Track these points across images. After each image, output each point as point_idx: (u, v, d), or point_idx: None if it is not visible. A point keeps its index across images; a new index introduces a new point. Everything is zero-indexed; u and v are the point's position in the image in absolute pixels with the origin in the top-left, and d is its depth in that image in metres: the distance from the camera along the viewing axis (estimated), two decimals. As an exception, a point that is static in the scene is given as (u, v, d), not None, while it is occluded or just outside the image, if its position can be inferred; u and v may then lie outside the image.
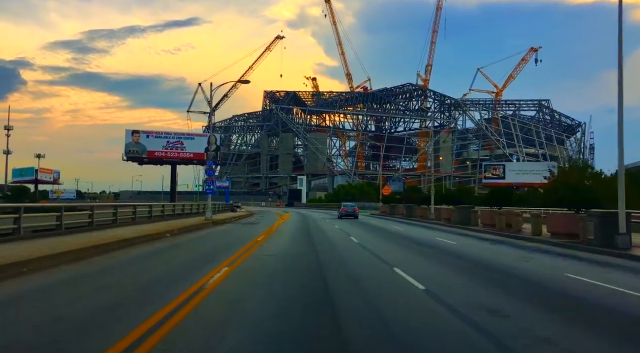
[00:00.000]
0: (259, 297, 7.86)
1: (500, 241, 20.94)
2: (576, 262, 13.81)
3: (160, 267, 11.36)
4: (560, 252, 16.14)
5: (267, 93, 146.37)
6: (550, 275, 11.07)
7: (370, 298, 7.90)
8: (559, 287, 9.54)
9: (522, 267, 12.26)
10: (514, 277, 10.71)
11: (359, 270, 11.44)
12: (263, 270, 10.83)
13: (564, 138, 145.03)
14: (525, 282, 10.14)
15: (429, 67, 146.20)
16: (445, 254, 15.55)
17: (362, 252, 15.64)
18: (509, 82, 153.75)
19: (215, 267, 10.71)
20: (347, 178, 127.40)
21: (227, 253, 13.70)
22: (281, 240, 19.05)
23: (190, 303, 6.91)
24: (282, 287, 8.81)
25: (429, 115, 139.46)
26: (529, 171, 74.02)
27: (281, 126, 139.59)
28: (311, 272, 10.71)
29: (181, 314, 6.25)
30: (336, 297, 7.83)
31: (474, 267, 12.27)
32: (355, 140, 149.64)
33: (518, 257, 14.73)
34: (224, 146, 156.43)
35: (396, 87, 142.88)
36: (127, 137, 59.88)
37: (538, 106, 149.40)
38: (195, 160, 61.40)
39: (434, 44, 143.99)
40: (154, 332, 5.38)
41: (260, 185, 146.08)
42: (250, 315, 6.56)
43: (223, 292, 8.12)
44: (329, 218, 42.32)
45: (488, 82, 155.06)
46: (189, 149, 61.17)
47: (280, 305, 7.13)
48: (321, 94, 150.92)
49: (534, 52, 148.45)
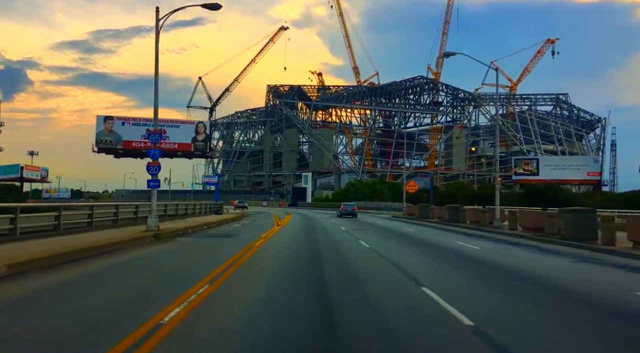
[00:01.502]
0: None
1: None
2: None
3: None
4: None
5: (271, 87, 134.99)
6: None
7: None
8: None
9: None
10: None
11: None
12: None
13: (583, 134, 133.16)
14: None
15: (440, 60, 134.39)
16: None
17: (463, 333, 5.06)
18: (524, 76, 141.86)
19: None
20: (355, 176, 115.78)
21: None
22: (256, 294, 7.76)
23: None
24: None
25: (441, 110, 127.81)
26: (567, 166, 62.36)
27: (285, 122, 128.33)
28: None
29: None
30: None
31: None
32: (362, 138, 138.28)
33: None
34: (226, 143, 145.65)
35: (406, 81, 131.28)
36: (98, 125, 48.78)
37: (555, 101, 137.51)
38: (179, 151, 50.16)
39: (445, 34, 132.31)
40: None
41: (264, 183, 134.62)
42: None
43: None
44: (344, 223, 30.93)
45: (502, 76, 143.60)
46: (174, 139, 49.95)
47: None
48: (327, 89, 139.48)
49: (550, 44, 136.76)
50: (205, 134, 51.05)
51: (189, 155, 51.08)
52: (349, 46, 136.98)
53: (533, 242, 18.58)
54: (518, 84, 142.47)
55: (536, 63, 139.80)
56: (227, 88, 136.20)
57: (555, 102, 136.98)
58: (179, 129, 50.71)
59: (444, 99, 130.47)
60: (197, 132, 50.76)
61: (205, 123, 51.72)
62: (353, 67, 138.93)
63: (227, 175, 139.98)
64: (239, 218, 34.12)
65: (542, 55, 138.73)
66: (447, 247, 16.77)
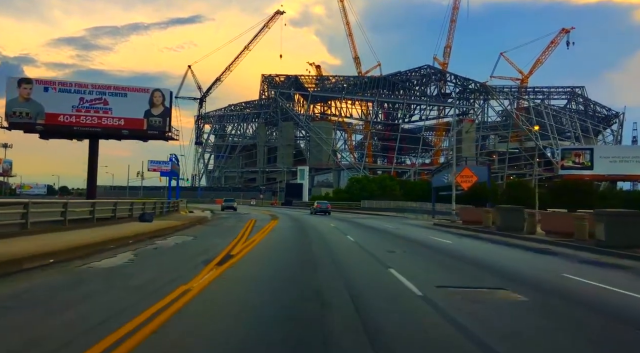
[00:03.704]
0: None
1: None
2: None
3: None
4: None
5: (265, 77, 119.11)
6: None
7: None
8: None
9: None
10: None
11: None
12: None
13: (600, 129, 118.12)
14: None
15: (448, 49, 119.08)
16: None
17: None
18: (536, 68, 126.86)
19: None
20: (355, 172, 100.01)
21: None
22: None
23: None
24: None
25: (450, 102, 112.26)
26: (631, 158, 46.96)
27: (281, 114, 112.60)
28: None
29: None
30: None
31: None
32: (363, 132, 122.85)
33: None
34: (217, 137, 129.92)
35: (412, 71, 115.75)
36: (9, 91, 33.05)
37: (570, 94, 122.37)
38: (126, 129, 34.33)
39: (454, 22, 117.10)
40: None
41: (257, 180, 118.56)
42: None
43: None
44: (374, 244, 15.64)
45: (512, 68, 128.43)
46: (118, 112, 34.30)
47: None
48: (326, 79, 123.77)
49: (565, 34, 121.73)
50: (164, 106, 35.39)
51: (141, 135, 35.34)
52: (350, 34, 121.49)
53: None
54: (529, 77, 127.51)
55: (549, 54, 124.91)
56: (219, 77, 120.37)
57: (570, 95, 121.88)
58: (127, 99, 34.94)
59: (452, 90, 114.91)
60: (153, 103, 35.10)
61: (164, 91, 35.88)
62: (354, 57, 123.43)
63: (217, 171, 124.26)
64: (176, 229, 18.48)
65: (555, 46, 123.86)
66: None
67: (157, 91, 35.71)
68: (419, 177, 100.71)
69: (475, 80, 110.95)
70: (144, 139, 36.27)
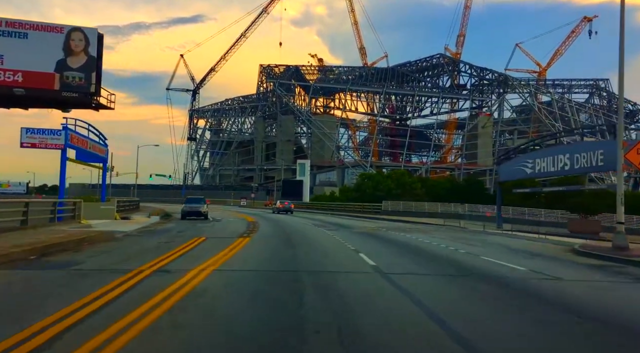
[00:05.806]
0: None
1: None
2: None
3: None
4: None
5: (264, 68, 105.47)
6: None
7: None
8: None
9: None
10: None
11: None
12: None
13: (626, 125, 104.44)
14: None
15: (461, 38, 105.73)
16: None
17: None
18: (555, 60, 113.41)
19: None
20: (361, 170, 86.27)
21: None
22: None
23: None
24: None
25: (464, 94, 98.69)
26: None
27: (280, 107, 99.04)
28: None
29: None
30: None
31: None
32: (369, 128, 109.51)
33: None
34: (213, 133, 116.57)
35: (422, 60, 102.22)
36: None
37: (593, 87, 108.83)
38: (23, 88, 20.86)
39: (468, 8, 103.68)
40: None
41: (254, 178, 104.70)
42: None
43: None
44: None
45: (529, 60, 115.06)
46: (14, 64, 20.82)
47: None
48: (329, 70, 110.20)
49: (587, 22, 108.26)
50: (88, 55, 21.99)
51: (50, 98, 21.83)
52: (355, 23, 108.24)
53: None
54: (547, 69, 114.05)
55: (569, 45, 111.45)
56: (213, 67, 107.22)
57: (593, 88, 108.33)
58: (27, 42, 21.61)
59: (467, 81, 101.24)
60: (70, 50, 21.64)
61: (88, 31, 22.34)
62: (359, 47, 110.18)
63: (211, 169, 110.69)
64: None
65: (576, 36, 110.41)
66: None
67: (76, 31, 22.17)
68: (427, 176, 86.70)
69: (493, 70, 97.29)
70: (56, 105, 22.62)
